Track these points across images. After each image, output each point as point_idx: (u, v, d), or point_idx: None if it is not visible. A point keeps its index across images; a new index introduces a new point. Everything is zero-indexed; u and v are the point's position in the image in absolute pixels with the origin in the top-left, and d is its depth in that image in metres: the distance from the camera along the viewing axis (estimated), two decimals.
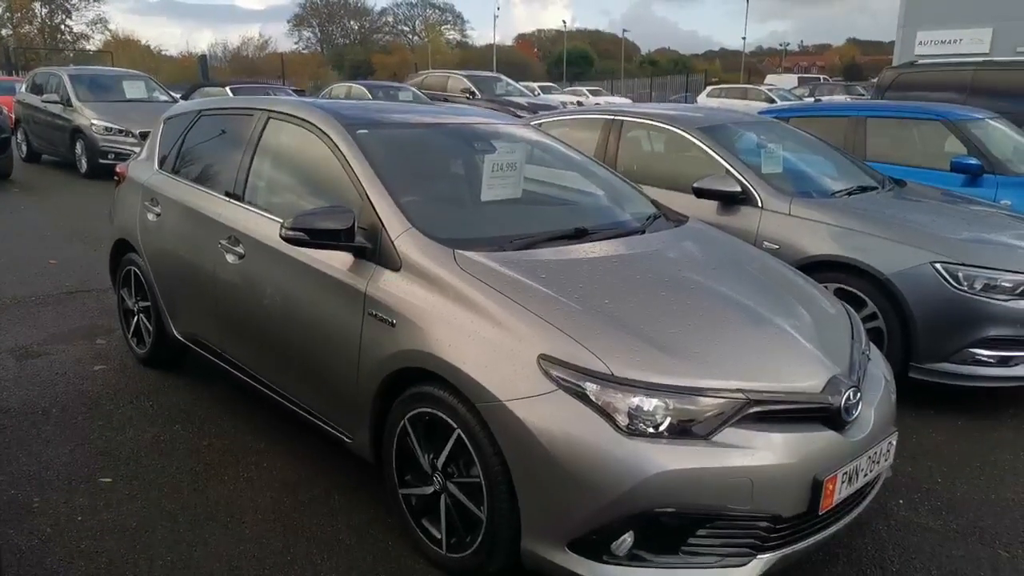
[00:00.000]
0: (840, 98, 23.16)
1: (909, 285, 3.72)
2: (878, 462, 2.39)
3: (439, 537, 2.47)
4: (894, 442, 2.49)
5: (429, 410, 2.41)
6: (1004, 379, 3.74)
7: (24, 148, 13.22)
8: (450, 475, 2.41)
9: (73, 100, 11.64)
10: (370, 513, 2.83)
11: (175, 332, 3.85)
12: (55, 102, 11.89)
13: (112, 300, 4.70)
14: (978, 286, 3.66)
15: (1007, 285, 3.65)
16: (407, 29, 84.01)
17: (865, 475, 2.33)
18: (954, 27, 21.56)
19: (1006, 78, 9.46)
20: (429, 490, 2.49)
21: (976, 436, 3.61)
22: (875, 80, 14.32)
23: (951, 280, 3.67)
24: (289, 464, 3.18)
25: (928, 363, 3.76)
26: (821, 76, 49.63)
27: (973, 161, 5.55)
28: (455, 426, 2.32)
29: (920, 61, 12.57)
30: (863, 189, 4.65)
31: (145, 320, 4.12)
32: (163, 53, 71.08)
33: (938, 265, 3.69)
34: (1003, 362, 3.70)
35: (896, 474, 3.07)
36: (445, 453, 2.39)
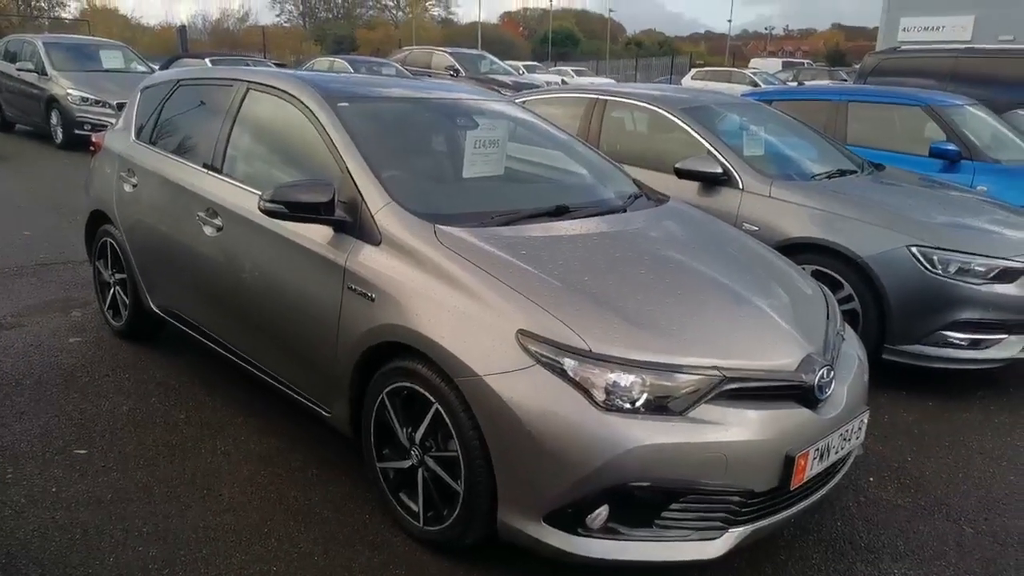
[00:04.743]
0: (823, 82, 23.25)
1: (885, 268, 3.77)
2: (849, 440, 2.43)
3: (416, 510, 2.49)
4: (866, 420, 2.53)
5: (408, 384, 2.41)
6: (975, 361, 3.82)
7: None
8: (428, 449, 2.42)
9: (48, 69, 11.39)
10: (348, 486, 2.83)
11: (152, 305, 3.82)
12: (29, 71, 11.62)
13: (88, 272, 4.64)
14: (952, 270, 3.71)
15: (980, 269, 3.71)
16: (391, 4, 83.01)
17: (836, 452, 2.38)
18: (937, 14, 21.71)
19: (986, 65, 9.54)
20: (407, 464, 2.51)
21: (946, 417, 3.68)
22: (858, 65, 14.38)
23: (926, 263, 3.72)
24: (267, 437, 3.18)
25: (902, 344, 3.82)
26: (805, 61, 49.63)
27: (952, 147, 5.62)
28: (433, 400, 2.32)
29: (902, 47, 12.62)
30: (842, 172, 4.69)
31: (121, 292, 4.07)
32: (142, 23, 69.75)
33: (914, 248, 3.74)
34: (974, 345, 3.77)
35: (867, 452, 3.13)
36: (423, 427, 2.40)
